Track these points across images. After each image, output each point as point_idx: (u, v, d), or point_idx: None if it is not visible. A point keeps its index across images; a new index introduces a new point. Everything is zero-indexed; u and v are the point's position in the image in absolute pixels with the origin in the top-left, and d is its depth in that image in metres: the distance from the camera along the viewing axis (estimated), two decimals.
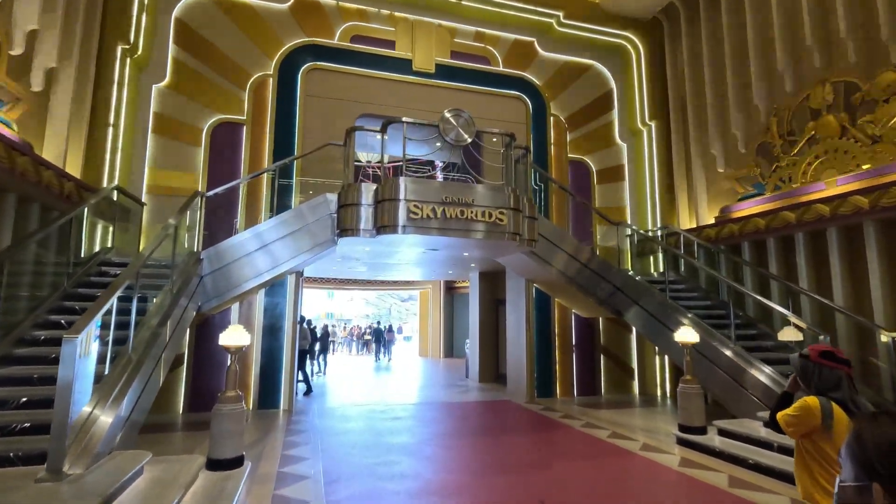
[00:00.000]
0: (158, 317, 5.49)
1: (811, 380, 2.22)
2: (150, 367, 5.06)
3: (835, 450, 2.00)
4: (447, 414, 8.34)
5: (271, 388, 8.44)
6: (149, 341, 5.11)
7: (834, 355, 2.21)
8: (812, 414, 2.08)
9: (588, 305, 9.55)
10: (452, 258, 10.05)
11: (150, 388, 5.09)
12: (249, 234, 7.41)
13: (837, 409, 2.07)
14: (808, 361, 2.24)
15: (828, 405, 2.08)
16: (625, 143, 11.28)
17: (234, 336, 4.83)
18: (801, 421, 2.11)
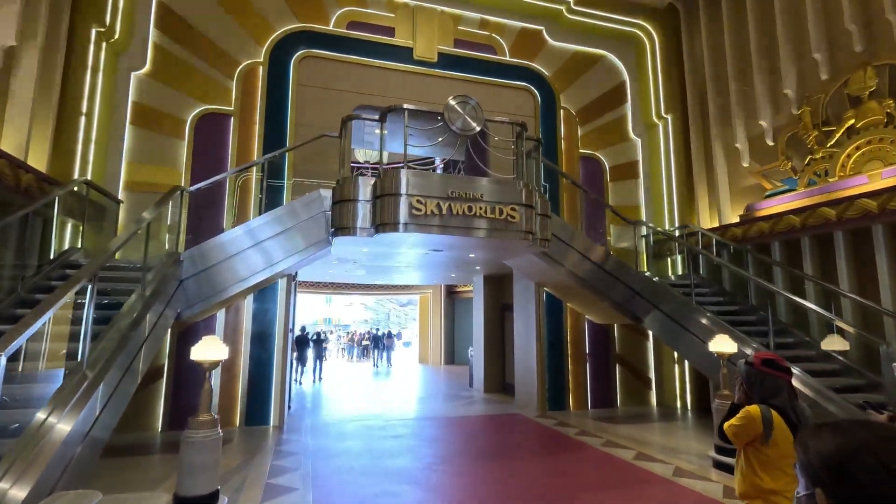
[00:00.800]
0: (125, 324, 4.77)
1: (755, 386, 2.32)
2: (115, 378, 4.35)
3: (776, 455, 2.15)
4: (453, 431, 7.62)
5: (260, 403, 7.71)
6: (114, 351, 4.40)
7: (776, 363, 2.31)
8: (754, 422, 2.19)
9: (603, 311, 8.85)
10: (456, 260, 9.35)
11: (115, 402, 4.38)
12: (241, 231, 6.74)
13: (777, 418, 2.19)
14: (752, 369, 2.34)
15: (768, 414, 2.19)
16: (639, 138, 10.62)
17: (208, 349, 4.12)
18: (744, 430, 2.23)
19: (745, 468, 2.28)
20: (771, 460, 2.19)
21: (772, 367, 2.33)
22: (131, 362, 4.79)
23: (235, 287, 6.62)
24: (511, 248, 7.32)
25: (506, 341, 11.82)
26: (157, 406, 7.30)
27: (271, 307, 7.97)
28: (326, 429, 7.60)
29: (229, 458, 5.88)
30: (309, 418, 8.50)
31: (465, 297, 19.94)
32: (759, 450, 2.22)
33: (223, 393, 7.57)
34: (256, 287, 7.59)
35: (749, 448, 2.27)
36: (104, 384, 4.05)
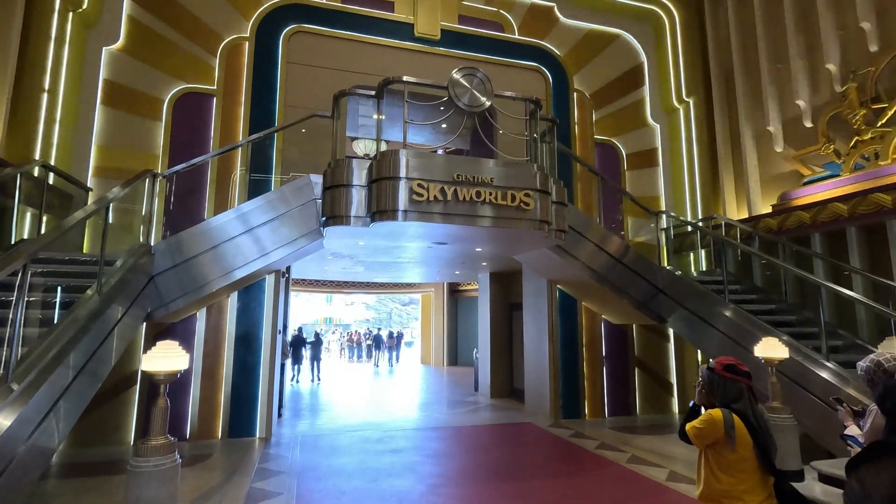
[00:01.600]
0: (72, 324, 4.02)
1: (716, 391, 2.41)
2: (59, 385, 3.61)
3: (735, 458, 2.26)
4: (459, 443, 6.85)
5: (245, 413, 6.96)
6: (58, 354, 3.67)
7: (736, 368, 2.41)
8: (716, 426, 2.28)
9: (622, 310, 8.08)
10: (462, 255, 8.59)
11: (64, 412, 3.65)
12: (232, 215, 6.04)
13: (738, 421, 2.28)
14: (714, 374, 2.43)
15: (730, 417, 2.28)
16: (658, 124, 9.83)
17: (163, 358, 3.38)
18: (706, 432, 2.31)
19: (705, 470, 2.36)
20: (730, 463, 2.27)
21: (733, 372, 2.40)
22: (86, 363, 4.06)
23: (219, 281, 5.89)
24: (524, 240, 6.55)
25: (514, 343, 11.06)
26: (129, 417, 6.56)
27: (257, 306, 7.22)
28: (318, 441, 6.84)
29: (204, 479, 5.13)
30: (300, 427, 7.75)
31: (468, 295, 19.18)
32: (720, 453, 2.30)
33: (204, 402, 6.82)
34: (241, 283, 6.86)
35: (710, 450, 2.34)
36: (48, 384, 3.32)
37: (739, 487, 2.26)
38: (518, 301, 10.83)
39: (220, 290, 6.32)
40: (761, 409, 2.39)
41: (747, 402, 2.34)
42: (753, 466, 2.28)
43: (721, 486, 2.28)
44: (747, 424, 2.28)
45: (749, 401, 2.35)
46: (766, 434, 2.31)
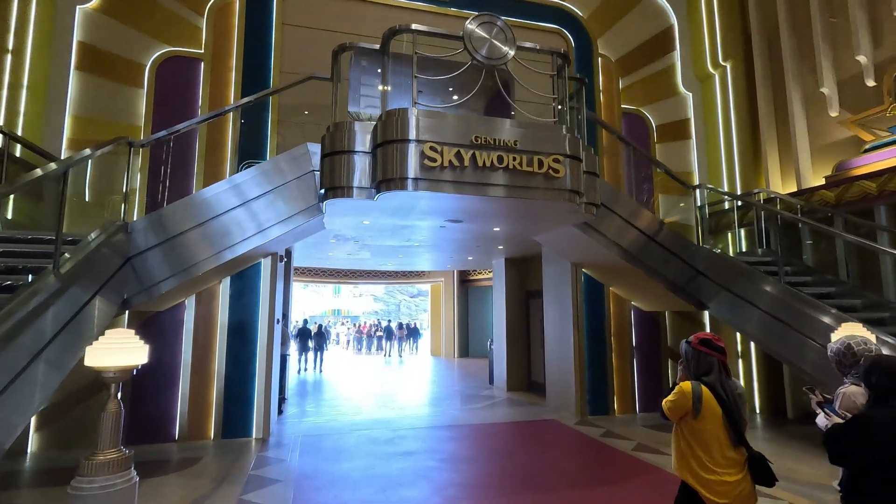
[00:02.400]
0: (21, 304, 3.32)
1: (691, 364, 2.49)
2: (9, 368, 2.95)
3: (704, 429, 2.34)
4: (478, 445, 6.13)
5: (240, 411, 6.29)
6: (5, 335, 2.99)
7: (711, 343, 2.48)
8: (685, 397, 2.35)
9: (655, 295, 7.30)
10: (477, 236, 7.81)
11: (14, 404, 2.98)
12: (226, 186, 5.36)
13: (707, 393, 2.36)
14: (690, 347, 2.51)
15: (698, 389, 2.36)
16: (690, 92, 8.95)
17: (113, 352, 2.64)
18: (678, 404, 2.38)
19: (679, 442, 2.44)
20: (700, 434, 2.36)
21: (707, 346, 2.48)
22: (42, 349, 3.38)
23: (208, 263, 5.23)
24: (550, 215, 5.77)
25: (531, 333, 10.31)
26: None
27: (252, 293, 6.51)
28: (321, 442, 6.16)
29: (187, 488, 4.46)
30: (302, 425, 7.07)
31: (479, 285, 18.44)
32: (691, 424, 2.37)
33: (194, 399, 6.15)
34: (234, 267, 6.16)
35: (682, 423, 2.42)
36: None
37: (712, 459, 2.33)
38: (536, 288, 10.06)
39: (209, 274, 5.63)
40: (733, 383, 2.46)
41: (717, 376, 2.42)
42: (724, 438, 2.33)
43: (694, 458, 2.36)
44: (717, 396, 2.36)
45: (719, 374, 2.43)
46: (735, 407, 2.37)
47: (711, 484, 2.32)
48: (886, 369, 2.07)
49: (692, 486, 2.36)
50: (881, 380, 2.06)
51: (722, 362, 2.46)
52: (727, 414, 2.35)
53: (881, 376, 2.06)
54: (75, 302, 3.94)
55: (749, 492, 2.35)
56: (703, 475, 2.34)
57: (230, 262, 5.58)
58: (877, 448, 1.93)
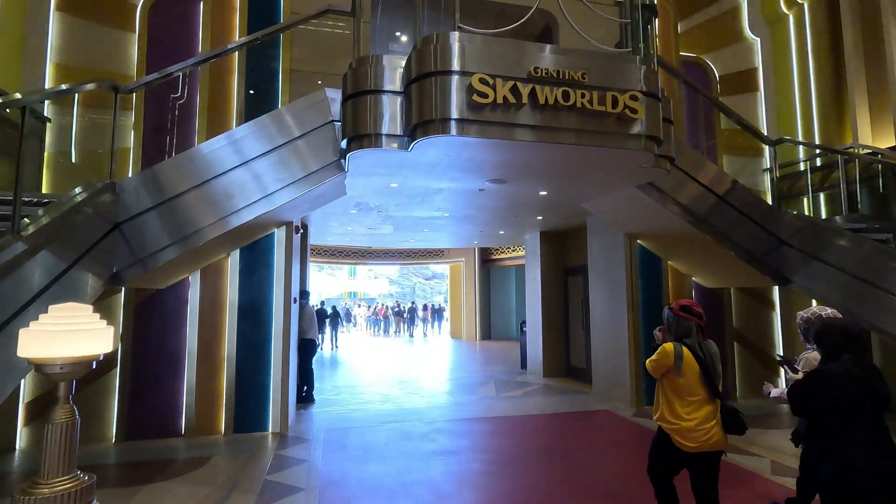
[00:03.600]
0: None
1: (672, 327, 2.80)
2: None
3: (684, 383, 2.66)
4: (527, 441, 5.30)
5: (254, 401, 5.53)
6: None
7: (690, 309, 2.78)
8: (667, 356, 2.68)
9: (722, 269, 6.33)
10: (516, 204, 6.86)
11: None
12: (224, 141, 4.51)
13: (687, 352, 2.67)
14: (672, 313, 2.82)
15: (679, 349, 2.68)
16: (758, 38, 7.80)
17: (58, 336, 1.81)
18: (661, 362, 2.71)
19: (661, 396, 2.79)
20: (680, 388, 2.68)
21: (686, 311, 2.77)
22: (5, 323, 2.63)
23: (213, 230, 4.42)
24: (618, 169, 4.79)
25: (570, 314, 9.40)
26: (109, 408, 5.20)
27: (265, 268, 5.70)
28: (346, 437, 5.38)
29: (193, 499, 3.70)
30: (324, 416, 6.33)
31: (502, 265, 17.57)
32: (672, 380, 2.70)
33: (201, 389, 5.40)
34: (243, 237, 5.35)
35: (664, 378, 2.76)
36: None
37: (689, 409, 2.66)
38: (576, 264, 9.12)
39: (214, 245, 4.81)
40: (709, 344, 2.77)
41: (695, 338, 2.74)
42: (701, 392, 2.66)
43: (674, 409, 2.69)
44: (695, 355, 2.68)
45: (697, 336, 2.75)
46: (710, 364, 2.70)
47: (683, 431, 2.65)
48: (836, 329, 2.39)
49: (666, 431, 2.74)
50: (833, 338, 2.37)
51: (699, 325, 2.77)
52: (703, 370, 2.66)
53: (832, 335, 2.38)
54: (46, 271, 3.15)
55: (718, 439, 2.65)
56: (677, 423, 2.66)
57: (238, 231, 4.75)
58: (830, 396, 2.22)
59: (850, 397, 2.19)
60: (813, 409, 2.33)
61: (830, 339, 2.38)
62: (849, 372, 2.23)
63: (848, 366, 2.25)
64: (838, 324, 2.44)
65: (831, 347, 2.37)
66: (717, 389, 2.69)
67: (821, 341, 2.43)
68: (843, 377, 2.22)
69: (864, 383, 2.20)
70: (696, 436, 2.62)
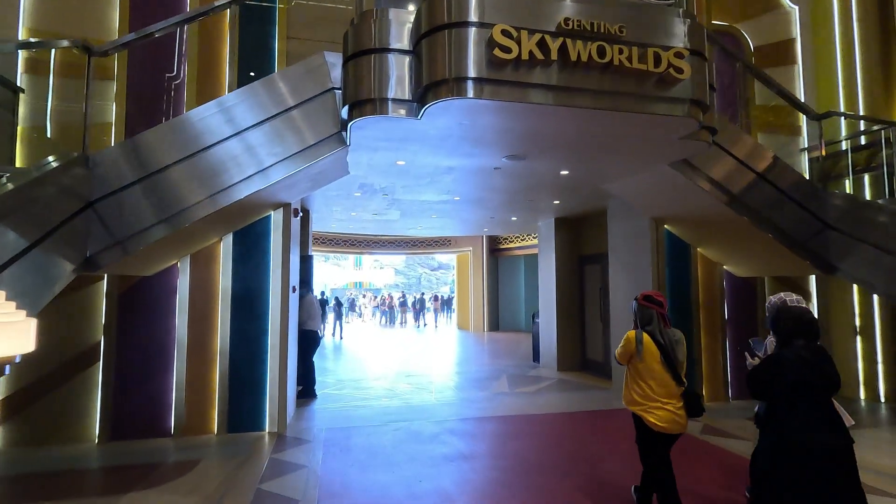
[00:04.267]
0: None
1: (636, 315, 3.06)
2: None
3: (644, 368, 2.94)
4: (549, 444, 4.83)
5: (249, 398, 5.10)
6: None
7: (652, 298, 3.03)
8: (630, 342, 2.98)
9: (757, 255, 5.82)
10: (533, 186, 6.34)
11: None
12: (214, 109, 4.04)
13: (647, 338, 2.94)
14: (637, 303, 3.08)
15: (640, 335, 2.95)
16: (796, 6, 7.16)
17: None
18: (626, 350, 3.01)
19: (627, 381, 3.06)
20: (641, 372, 2.96)
21: (649, 301, 3.02)
22: None
23: (201, 209, 3.96)
24: (654, 141, 4.24)
25: (586, 304, 8.90)
26: (92, 405, 4.78)
27: (261, 254, 5.23)
28: (349, 438, 4.94)
29: None
30: (326, 414, 5.90)
31: (510, 254, 17.07)
32: (636, 365, 2.98)
33: (192, 385, 4.97)
34: (236, 219, 4.89)
35: (630, 365, 3.03)
36: None
37: (652, 392, 2.92)
38: (593, 252, 8.61)
39: (204, 227, 4.36)
40: (671, 331, 3.00)
41: (656, 325, 2.97)
42: (663, 376, 2.91)
43: (639, 391, 2.97)
44: (655, 341, 2.93)
45: (658, 324, 2.98)
46: (670, 350, 2.93)
47: (651, 410, 2.92)
48: (790, 316, 2.52)
49: (637, 414, 3.00)
50: (787, 325, 2.49)
51: (660, 314, 3.00)
52: (664, 355, 2.91)
53: (786, 322, 2.50)
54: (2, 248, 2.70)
55: (683, 420, 2.94)
56: (645, 403, 2.94)
57: (230, 212, 4.29)
58: (783, 380, 2.37)
59: (801, 380, 2.34)
60: (768, 392, 2.46)
61: (785, 325, 2.49)
62: (801, 357, 2.37)
63: (800, 351, 2.39)
64: (792, 312, 2.55)
65: (785, 333, 2.49)
66: (678, 373, 2.92)
67: (776, 328, 2.56)
68: (796, 361, 2.36)
69: (815, 367, 2.35)
70: (663, 414, 2.90)
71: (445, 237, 18.00)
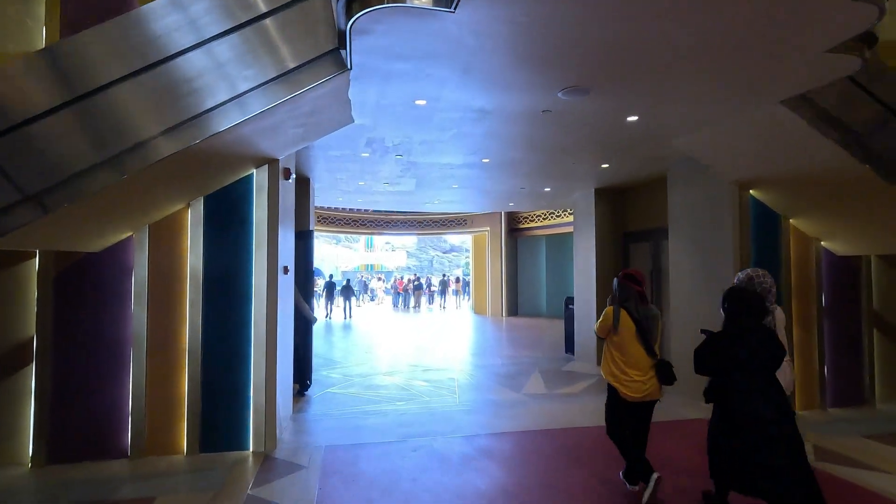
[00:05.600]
0: None
1: (616, 293, 3.23)
2: None
3: (620, 340, 3.14)
4: (617, 467, 3.66)
5: (228, 410, 3.99)
6: None
7: (632, 277, 3.24)
8: (608, 317, 3.18)
9: (876, 227, 4.50)
10: (582, 138, 5.06)
11: None
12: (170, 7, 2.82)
13: (624, 314, 3.13)
14: (617, 280, 3.26)
15: (617, 310, 3.15)
16: None
17: None
18: (604, 324, 3.21)
19: (606, 353, 3.25)
20: (618, 344, 3.16)
21: (628, 279, 3.23)
22: None
23: (157, 148, 2.81)
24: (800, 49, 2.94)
25: None
26: (23, 420, 3.70)
27: (242, 227, 4.07)
28: (357, 461, 3.82)
29: None
30: (328, 419, 4.81)
31: (531, 234, 15.83)
32: (613, 338, 3.19)
33: (154, 394, 3.87)
34: (208, 177, 3.73)
35: (608, 339, 3.23)
36: None
37: (628, 363, 3.12)
38: (639, 228, 7.36)
39: (166, 183, 3.20)
40: (649, 308, 3.20)
41: (633, 301, 3.16)
42: (638, 350, 3.12)
43: (616, 362, 3.16)
44: (631, 316, 3.12)
45: (635, 300, 3.16)
46: (646, 324, 3.14)
47: (625, 381, 3.13)
48: (735, 297, 2.78)
49: (612, 384, 3.20)
50: (732, 305, 2.76)
51: (639, 292, 3.20)
52: (639, 329, 3.11)
53: (732, 303, 2.77)
54: None
55: (655, 388, 3.13)
56: (619, 375, 3.15)
57: (198, 161, 3.12)
58: (723, 356, 2.68)
59: (741, 356, 2.62)
60: (709, 368, 2.78)
61: (731, 306, 2.77)
62: (742, 334, 2.66)
63: (742, 329, 2.67)
64: (737, 292, 2.82)
65: (731, 313, 2.76)
66: (652, 347, 3.14)
67: (724, 306, 2.83)
68: (738, 339, 2.66)
69: (757, 344, 2.62)
70: (636, 386, 3.10)
71: (461, 216, 16.79)
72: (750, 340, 2.60)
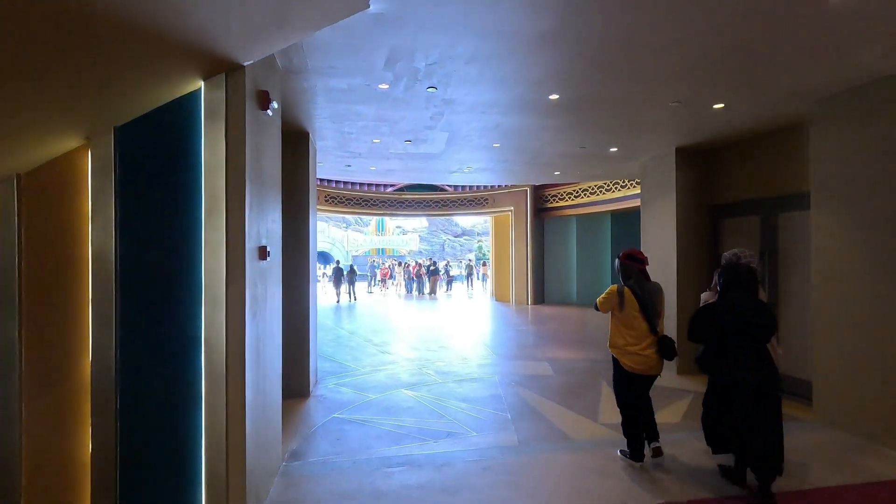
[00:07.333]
0: None
1: (620, 272, 3.42)
2: None
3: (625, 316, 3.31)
4: None
5: (161, 486, 2.42)
6: None
7: (634, 256, 3.39)
8: (612, 294, 3.35)
9: None
10: (697, 58, 3.33)
11: None
12: None
13: (628, 291, 3.31)
14: (619, 260, 3.43)
15: (621, 288, 3.33)
16: None
17: None
18: (607, 301, 3.37)
19: (612, 328, 3.43)
20: (623, 320, 3.33)
21: (630, 259, 3.39)
22: None
23: None
24: None
25: None
26: None
27: (182, 178, 2.43)
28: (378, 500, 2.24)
29: None
30: (337, 469, 3.25)
31: (560, 214, 14.07)
32: (617, 314, 3.36)
33: (35, 459, 2.30)
34: (118, 82, 2.01)
35: (613, 314, 3.41)
36: None
37: (631, 337, 3.31)
38: (738, 199, 5.65)
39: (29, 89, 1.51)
40: (651, 284, 3.37)
41: (636, 280, 3.35)
42: (642, 325, 3.29)
43: (620, 336, 3.35)
44: (634, 294, 3.30)
45: (638, 279, 3.35)
46: (649, 300, 3.31)
47: (628, 355, 3.32)
48: (727, 270, 3.04)
49: (616, 357, 3.40)
50: (724, 278, 3.01)
51: (640, 270, 3.38)
52: (641, 306, 3.28)
53: (724, 275, 3.03)
54: None
55: (656, 363, 3.31)
56: (624, 348, 3.33)
57: (100, 57, 1.44)
58: (715, 325, 2.92)
59: (731, 326, 2.85)
60: (702, 336, 3.02)
61: (725, 278, 3.01)
62: (733, 306, 2.86)
63: (733, 301, 2.88)
64: (731, 267, 3.05)
65: (724, 285, 3.00)
66: (654, 323, 3.29)
67: (717, 279, 3.12)
68: (730, 310, 2.87)
69: (742, 315, 2.83)
70: (639, 359, 3.28)
71: (482, 195, 15.12)
72: (741, 311, 2.84)
